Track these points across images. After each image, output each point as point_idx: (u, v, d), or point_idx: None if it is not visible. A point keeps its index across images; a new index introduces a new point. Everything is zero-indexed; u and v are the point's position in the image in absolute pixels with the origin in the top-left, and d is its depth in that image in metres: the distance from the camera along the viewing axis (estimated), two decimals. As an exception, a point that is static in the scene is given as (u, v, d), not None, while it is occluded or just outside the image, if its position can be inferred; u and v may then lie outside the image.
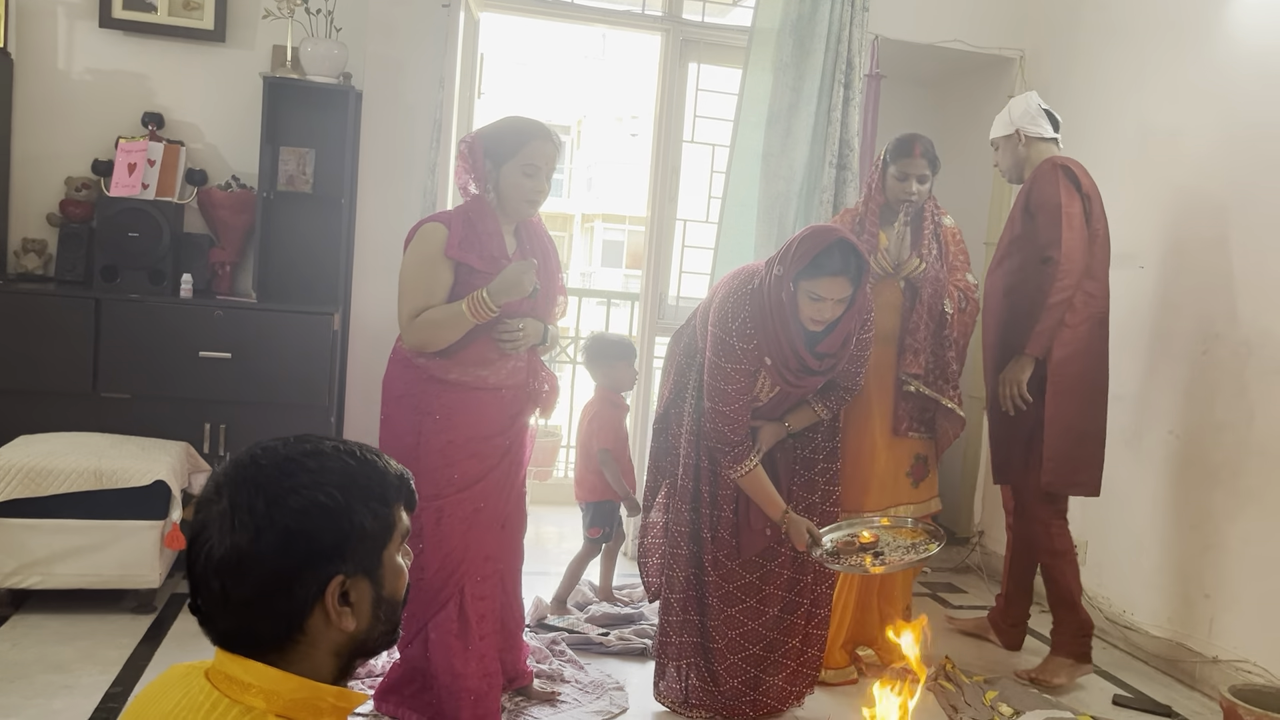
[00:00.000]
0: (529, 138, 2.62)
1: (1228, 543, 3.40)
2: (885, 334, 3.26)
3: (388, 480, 1.19)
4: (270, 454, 1.14)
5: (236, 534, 1.09)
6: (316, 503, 1.11)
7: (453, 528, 2.65)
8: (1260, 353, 3.32)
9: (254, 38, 4.08)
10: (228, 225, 4.00)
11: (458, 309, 2.56)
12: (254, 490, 1.10)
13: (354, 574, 1.13)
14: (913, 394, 3.27)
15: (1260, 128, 3.37)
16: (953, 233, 3.39)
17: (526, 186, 2.63)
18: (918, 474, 3.36)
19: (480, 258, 2.61)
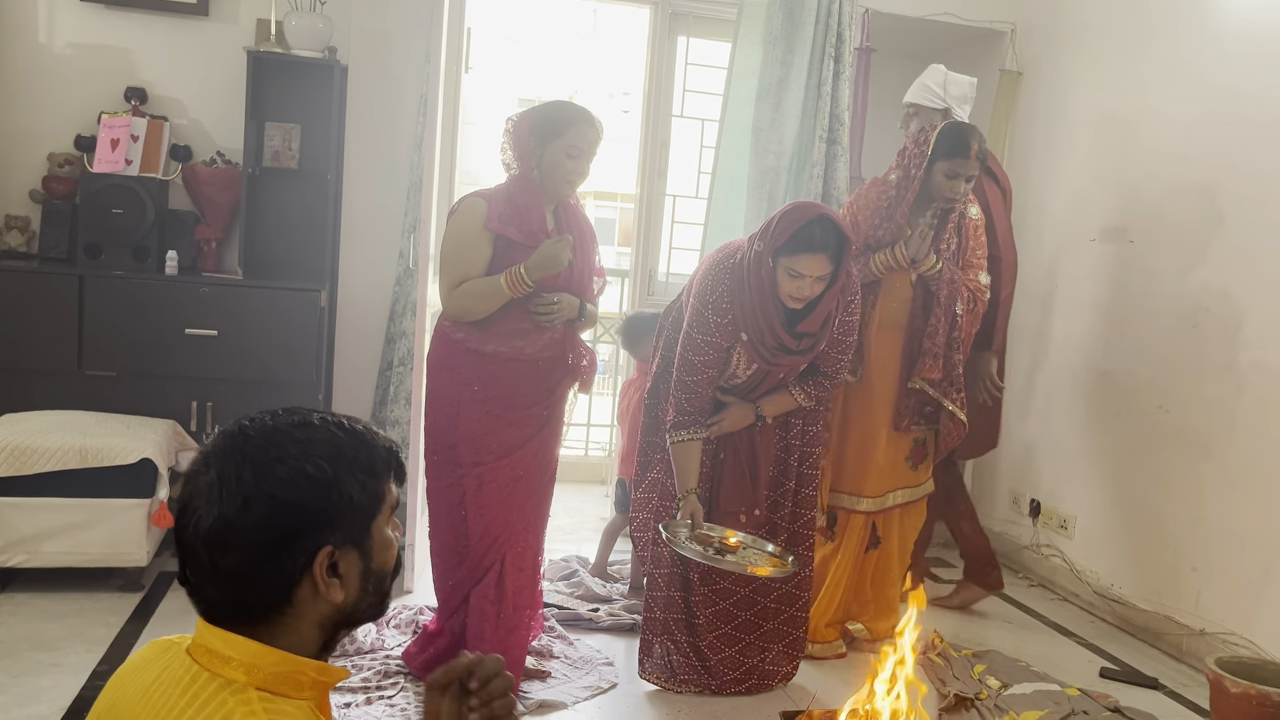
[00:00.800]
0: (575, 120, 2.73)
1: (1215, 516, 3.41)
2: (891, 322, 3.22)
3: (375, 452, 1.18)
4: (258, 425, 1.14)
5: (224, 504, 1.09)
6: (304, 473, 1.10)
7: (494, 495, 2.76)
8: (1248, 327, 3.31)
9: (237, 11, 4.03)
10: (213, 202, 3.96)
11: (496, 283, 2.66)
12: (241, 460, 1.10)
13: (342, 545, 1.13)
14: (916, 390, 3.23)
15: (1249, 103, 3.36)
16: (975, 225, 3.24)
17: (568, 167, 2.72)
18: (916, 457, 3.34)
19: (520, 231, 2.71)
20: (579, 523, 4.61)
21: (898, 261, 3.11)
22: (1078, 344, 4.10)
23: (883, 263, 3.13)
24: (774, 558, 2.75)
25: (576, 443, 5.56)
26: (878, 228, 3.15)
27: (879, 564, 3.39)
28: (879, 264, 3.14)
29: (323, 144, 4.00)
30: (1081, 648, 3.58)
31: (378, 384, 4.15)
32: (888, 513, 3.33)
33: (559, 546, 4.12)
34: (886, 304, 3.22)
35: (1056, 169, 4.29)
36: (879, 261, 3.14)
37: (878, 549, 3.37)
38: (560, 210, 2.85)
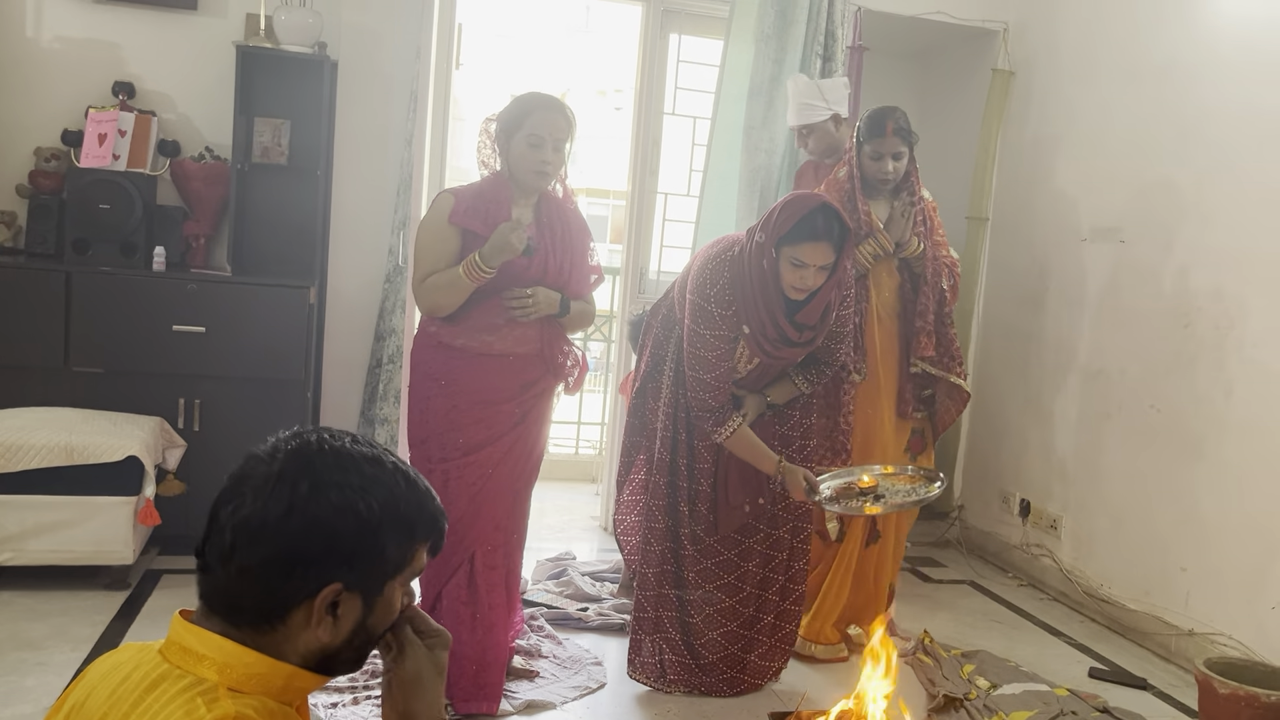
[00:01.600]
0: (534, 108, 2.68)
1: (1205, 516, 3.41)
2: (887, 313, 3.25)
3: (424, 516, 1.19)
4: (333, 444, 1.15)
5: (270, 502, 1.09)
6: (354, 508, 1.11)
7: (460, 492, 2.72)
8: (1240, 327, 3.31)
9: (227, 6, 4.00)
10: (201, 197, 3.93)
11: (455, 272, 2.64)
12: (304, 469, 1.11)
13: (352, 589, 1.12)
14: (917, 374, 3.27)
15: (1239, 102, 3.35)
16: (932, 206, 3.32)
17: (531, 157, 2.67)
18: (915, 448, 3.37)
19: (484, 224, 2.67)
20: (569, 521, 4.60)
21: (883, 247, 3.18)
22: (1069, 344, 4.09)
23: (869, 252, 3.19)
24: (910, 475, 2.85)
25: (567, 440, 5.55)
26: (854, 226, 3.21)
27: (879, 558, 3.39)
28: (866, 253, 3.19)
29: (312, 140, 3.97)
30: (1071, 648, 3.58)
31: (367, 381, 4.13)
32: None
33: (549, 545, 4.11)
34: (877, 296, 3.26)
35: (1048, 168, 4.29)
36: (865, 251, 3.18)
37: (877, 543, 3.37)
38: (544, 204, 2.80)
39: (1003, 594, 4.08)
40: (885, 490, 2.78)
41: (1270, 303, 3.21)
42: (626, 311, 4.50)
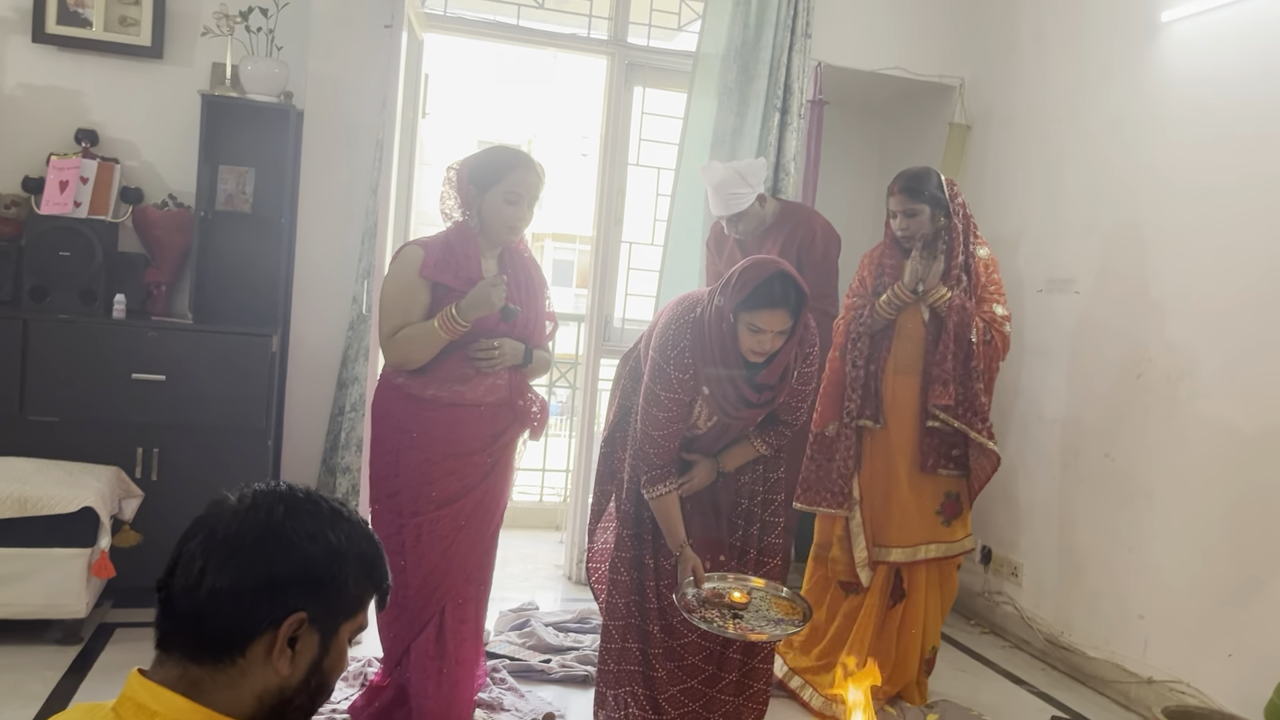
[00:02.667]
0: (513, 166, 2.72)
1: (1161, 564, 3.45)
2: (907, 365, 3.27)
3: (379, 566, 1.25)
4: (303, 488, 1.23)
5: (245, 525, 1.14)
6: (325, 536, 1.17)
7: (432, 545, 2.72)
8: (1190, 377, 3.39)
9: (192, 55, 4.02)
10: (164, 245, 3.92)
11: (430, 325, 2.65)
12: (278, 500, 1.18)
13: (313, 623, 1.16)
14: (938, 428, 3.23)
15: (1191, 156, 3.45)
16: (986, 264, 3.31)
17: (508, 213, 2.71)
18: (949, 512, 3.31)
19: (456, 277, 2.69)
20: (533, 570, 4.57)
21: (898, 296, 3.22)
22: (1027, 393, 4.16)
23: (886, 302, 3.25)
24: (788, 602, 2.75)
25: (531, 488, 5.53)
26: (879, 276, 3.33)
27: (904, 619, 3.35)
28: (883, 305, 3.25)
29: (277, 188, 3.98)
30: (1033, 696, 3.60)
31: (329, 430, 4.10)
32: (913, 566, 3.31)
33: (512, 595, 4.08)
34: (900, 346, 3.28)
35: (1004, 220, 4.38)
36: (883, 302, 3.25)
37: (903, 602, 3.34)
38: (505, 255, 2.83)
39: (965, 642, 4.10)
40: (752, 612, 2.68)
41: (1218, 354, 3.29)
42: (591, 358, 4.52)
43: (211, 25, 3.79)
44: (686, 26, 4.61)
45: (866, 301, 3.31)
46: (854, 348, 3.29)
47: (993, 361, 3.26)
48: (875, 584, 3.31)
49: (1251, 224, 3.20)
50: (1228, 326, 3.26)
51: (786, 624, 2.66)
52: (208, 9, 3.89)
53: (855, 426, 3.29)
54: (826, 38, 4.43)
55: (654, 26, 4.52)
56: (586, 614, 3.85)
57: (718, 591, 2.74)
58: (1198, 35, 3.46)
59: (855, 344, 3.29)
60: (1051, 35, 4.19)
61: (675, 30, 4.64)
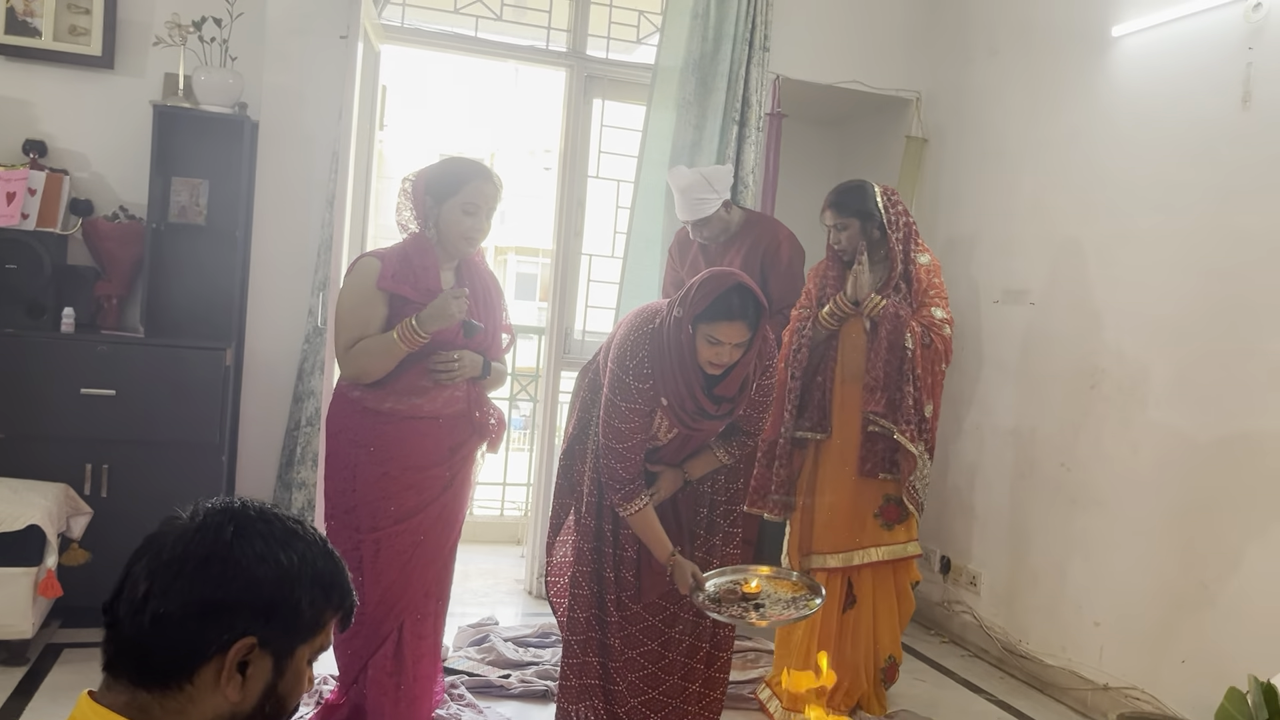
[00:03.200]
0: (470, 177, 2.71)
1: (1115, 571, 3.49)
2: (853, 374, 3.31)
3: (339, 585, 1.21)
4: (257, 504, 1.19)
5: (192, 547, 1.11)
6: (276, 557, 1.13)
7: (391, 560, 2.69)
8: (1142, 387, 3.43)
9: (144, 65, 3.96)
10: (114, 257, 3.85)
11: (389, 337, 2.62)
12: (228, 519, 1.14)
13: (264, 646, 1.12)
14: (879, 434, 3.26)
15: (1140, 172, 3.51)
16: (927, 269, 3.36)
17: (465, 224, 2.69)
18: (890, 516, 3.32)
19: (414, 289, 2.67)
20: (493, 585, 4.53)
21: (840, 307, 3.27)
22: (984, 403, 4.19)
23: (829, 312, 3.30)
24: (794, 582, 2.79)
25: (491, 502, 5.50)
26: (822, 289, 3.39)
27: (856, 625, 3.36)
28: (825, 316, 3.31)
29: (231, 200, 3.93)
30: (991, 704, 3.62)
31: (284, 445, 4.05)
32: (859, 571, 3.33)
33: (471, 610, 4.05)
34: (846, 356, 3.32)
35: (960, 231, 4.42)
36: (825, 314, 3.31)
37: (855, 608, 3.35)
38: (463, 267, 2.81)
39: (925, 651, 4.12)
40: (767, 598, 2.72)
41: (1170, 364, 3.34)
42: (551, 371, 4.50)
43: (164, 35, 3.74)
44: (645, 39, 4.62)
45: (811, 313, 3.36)
46: (794, 358, 3.35)
47: (934, 365, 3.30)
48: (829, 590, 3.30)
49: (1201, 236, 3.25)
50: (1179, 337, 3.31)
51: (802, 600, 2.70)
52: (160, 19, 3.85)
53: (793, 437, 3.33)
54: (784, 51, 4.46)
55: (613, 39, 4.53)
56: (547, 628, 3.82)
57: (727, 587, 2.73)
58: (1147, 50, 3.52)
59: (796, 355, 3.35)
60: (1005, 50, 4.25)
61: (634, 43, 4.65)
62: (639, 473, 2.77)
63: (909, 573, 3.43)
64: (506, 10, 4.40)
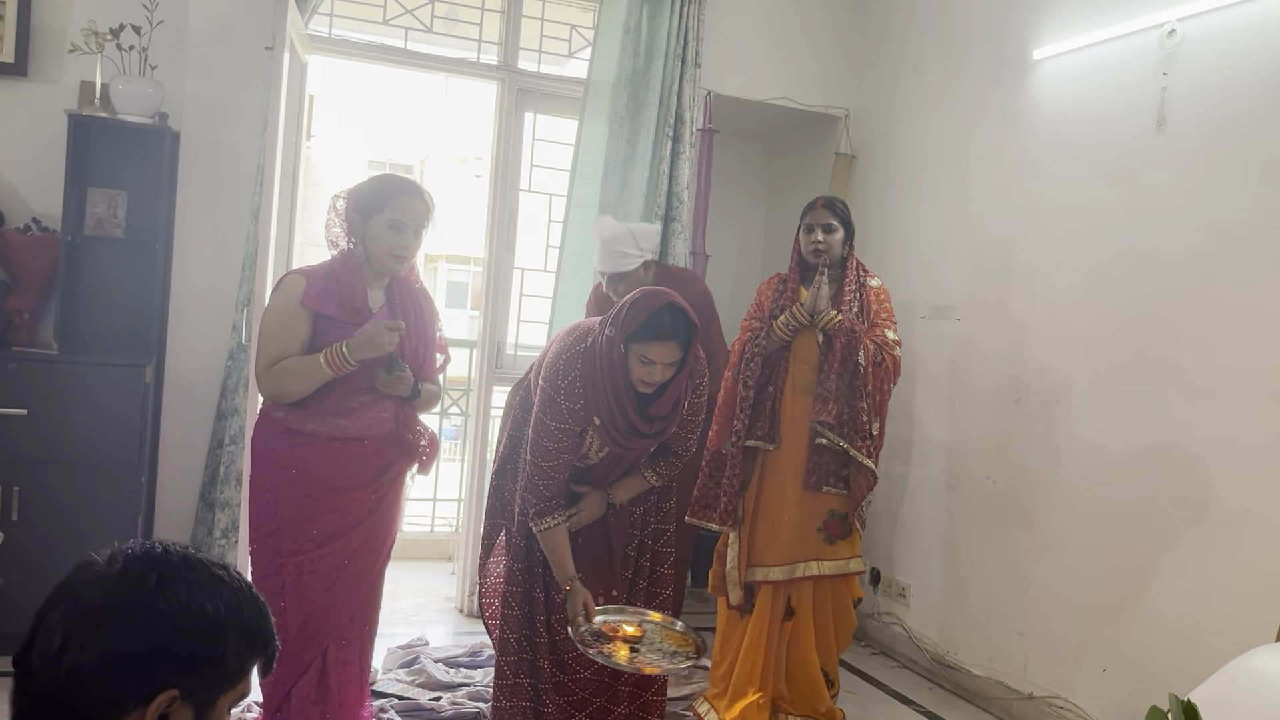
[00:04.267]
0: (397, 194, 2.66)
1: (1038, 583, 3.57)
2: (804, 387, 3.30)
3: (264, 633, 1.18)
4: (180, 548, 1.15)
5: (112, 597, 1.06)
6: (202, 606, 1.09)
7: (314, 585, 2.63)
8: (1065, 401, 3.52)
9: (59, 72, 3.83)
10: (27, 270, 3.71)
11: (315, 361, 2.56)
12: (151, 566, 1.09)
13: (186, 699, 1.08)
14: (826, 446, 3.25)
15: (1060, 190, 3.60)
16: (877, 293, 3.39)
17: (391, 240, 2.65)
18: (833, 531, 3.32)
19: (339, 307, 2.62)
20: (423, 604, 4.47)
21: (796, 318, 3.26)
22: (912, 416, 4.26)
23: (784, 323, 3.28)
24: (681, 635, 2.72)
25: (421, 518, 5.42)
26: (777, 300, 3.38)
27: (794, 636, 3.37)
28: (780, 325, 3.29)
29: (151, 212, 3.82)
30: (921, 715, 3.66)
31: (207, 464, 3.94)
32: (800, 584, 3.33)
33: (401, 630, 3.98)
34: (798, 368, 3.32)
35: (889, 247, 4.49)
36: (780, 324, 3.29)
37: (792, 620, 3.36)
38: (394, 285, 2.77)
39: (855, 662, 4.16)
40: (647, 645, 2.67)
41: (1089, 379, 3.42)
42: (483, 385, 4.46)
43: (80, 42, 3.62)
44: (577, 53, 4.62)
45: (763, 324, 3.35)
46: (747, 368, 3.32)
47: (884, 383, 3.31)
48: (763, 604, 3.32)
49: (1117, 256, 3.34)
50: (1097, 353, 3.40)
51: (680, 656, 2.65)
52: (76, 25, 3.73)
53: (743, 446, 3.32)
54: (715, 67, 4.49)
55: (544, 53, 4.51)
56: (478, 647, 3.78)
57: (611, 625, 2.71)
58: (1066, 73, 3.62)
59: (749, 364, 3.32)
60: (930, 69, 4.33)
61: (566, 57, 4.64)
62: (561, 491, 2.75)
63: (850, 590, 3.44)
64: (437, 23, 4.36)
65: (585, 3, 4.47)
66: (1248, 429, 2.89)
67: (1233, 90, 3.00)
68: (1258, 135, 2.92)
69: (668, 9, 4.30)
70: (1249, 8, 2.97)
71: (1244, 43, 2.98)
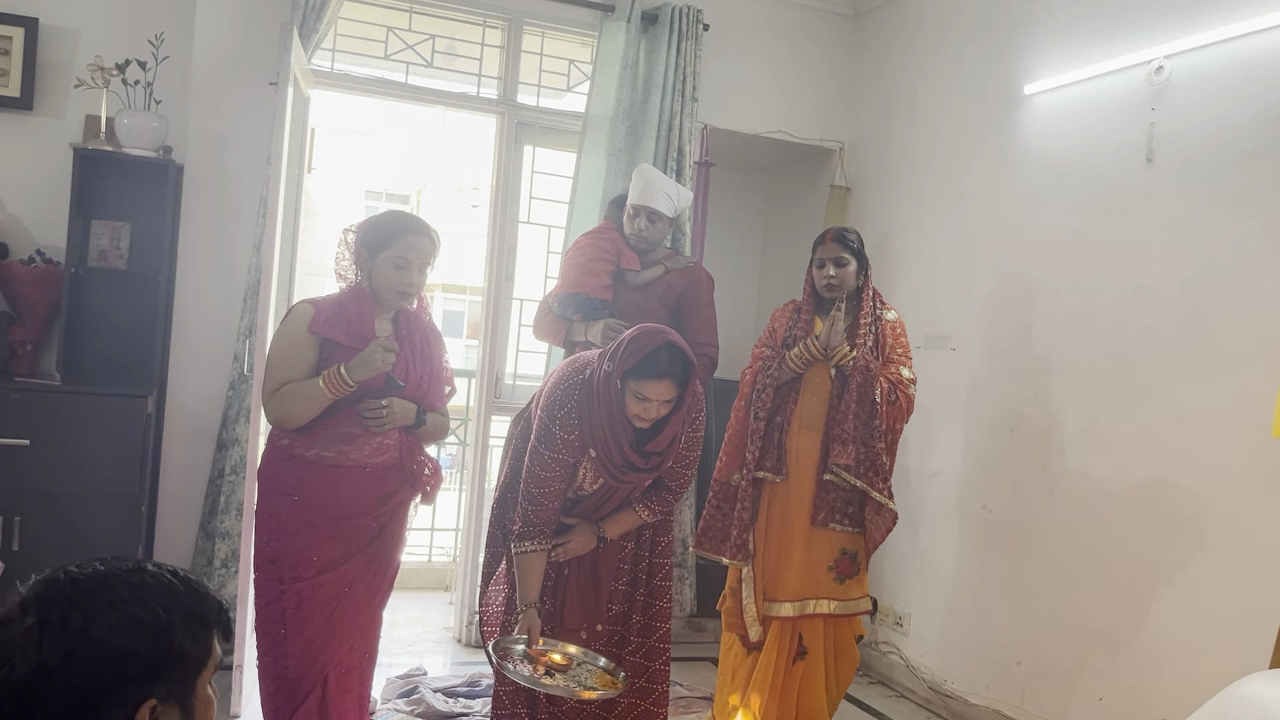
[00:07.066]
0: (404, 232, 2.70)
1: (1034, 612, 3.59)
2: (812, 421, 3.26)
3: (209, 604, 1.15)
4: (87, 570, 1.10)
5: (44, 652, 1.02)
6: (137, 618, 1.06)
7: (314, 612, 2.64)
8: (1058, 431, 3.55)
9: (65, 107, 3.89)
10: (30, 302, 3.75)
11: (314, 383, 2.59)
12: (68, 605, 1.05)
13: (166, 700, 1.08)
14: (833, 483, 3.21)
15: (1052, 221, 3.66)
16: (893, 327, 3.35)
17: (396, 278, 2.69)
18: (843, 570, 3.27)
19: (346, 334, 2.65)
20: (421, 633, 4.47)
21: (810, 351, 3.23)
22: (908, 446, 4.28)
23: (798, 355, 3.25)
24: (606, 674, 2.66)
25: (420, 548, 5.43)
26: (790, 330, 3.35)
27: (805, 676, 3.31)
28: (794, 358, 3.26)
29: (154, 244, 3.86)
30: (919, 745, 3.67)
31: (208, 493, 3.95)
32: (811, 621, 3.28)
33: (400, 660, 3.98)
34: (807, 401, 3.28)
35: (884, 278, 4.52)
36: (794, 355, 3.26)
37: (804, 660, 3.31)
38: (401, 316, 2.80)
39: (853, 691, 4.16)
40: (569, 675, 2.62)
41: (1082, 409, 3.46)
42: (482, 415, 4.48)
43: (86, 77, 3.68)
44: (575, 88, 4.68)
45: (776, 354, 3.32)
46: (758, 399, 3.29)
47: (896, 422, 3.27)
48: (771, 641, 3.28)
49: (1109, 288, 3.39)
50: (1090, 384, 3.44)
51: (595, 689, 2.59)
52: (82, 61, 3.79)
53: (753, 478, 3.28)
54: (712, 101, 4.56)
55: (543, 87, 4.58)
56: (476, 677, 3.78)
57: (541, 652, 2.66)
58: (1057, 108, 3.68)
59: (760, 395, 3.29)
60: (924, 103, 4.40)
61: (564, 91, 4.71)
62: (550, 520, 2.76)
63: (853, 627, 3.40)
64: (437, 58, 4.43)
65: (584, 38, 4.54)
66: (1239, 459, 2.92)
67: (1220, 125, 3.06)
68: (1246, 169, 2.98)
69: (665, 44, 4.37)
70: (1235, 45, 3.04)
71: (1231, 79, 3.04)
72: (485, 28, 4.47)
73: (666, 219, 3.70)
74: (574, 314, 3.67)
